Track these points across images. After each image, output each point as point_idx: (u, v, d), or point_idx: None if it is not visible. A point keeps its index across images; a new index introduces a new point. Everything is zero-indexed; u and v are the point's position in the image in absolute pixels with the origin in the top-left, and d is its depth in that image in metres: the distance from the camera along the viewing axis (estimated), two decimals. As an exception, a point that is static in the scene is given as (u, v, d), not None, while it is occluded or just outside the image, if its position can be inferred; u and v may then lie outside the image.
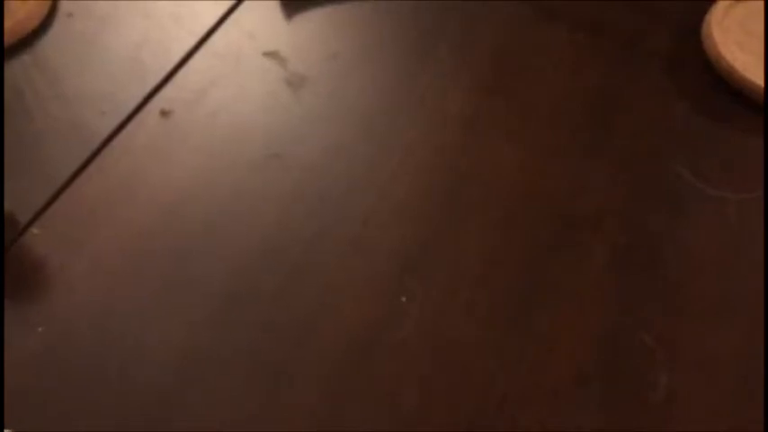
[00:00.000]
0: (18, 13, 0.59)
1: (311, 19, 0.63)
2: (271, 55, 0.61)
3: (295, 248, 0.50)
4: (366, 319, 0.48)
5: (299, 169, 0.54)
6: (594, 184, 0.54)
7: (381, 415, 0.44)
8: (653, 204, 0.54)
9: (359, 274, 0.50)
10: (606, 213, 0.53)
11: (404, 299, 0.49)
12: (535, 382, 0.46)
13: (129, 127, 0.56)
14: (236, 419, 0.44)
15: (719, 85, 0.60)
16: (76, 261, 0.49)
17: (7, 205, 0.51)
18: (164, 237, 0.51)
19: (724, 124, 0.59)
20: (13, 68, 0.59)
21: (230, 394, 0.45)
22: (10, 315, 0.47)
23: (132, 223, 0.51)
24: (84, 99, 0.57)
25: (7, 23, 0.59)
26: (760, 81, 0.58)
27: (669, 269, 0.51)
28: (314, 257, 0.50)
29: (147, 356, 0.46)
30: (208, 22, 0.62)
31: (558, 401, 0.45)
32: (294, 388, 0.45)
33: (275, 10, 0.64)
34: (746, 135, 0.58)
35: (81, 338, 0.46)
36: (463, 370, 0.46)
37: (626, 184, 0.55)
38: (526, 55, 0.62)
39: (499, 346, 0.47)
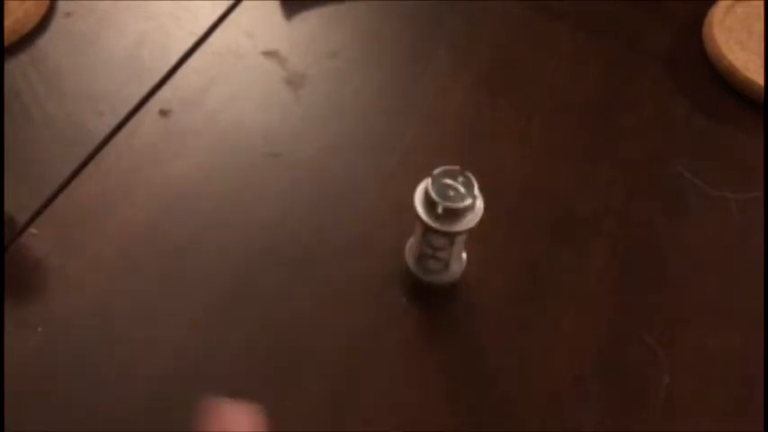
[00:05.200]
0: (16, 12, 0.59)
1: (310, 18, 0.63)
2: (270, 54, 0.61)
3: (294, 247, 0.50)
4: (366, 319, 0.48)
5: (299, 168, 0.54)
6: (595, 184, 0.54)
7: (382, 415, 0.44)
8: (653, 204, 0.54)
9: (359, 274, 0.50)
10: (606, 213, 0.53)
11: (404, 299, 0.49)
12: (535, 382, 0.46)
13: (128, 126, 0.56)
14: (235, 420, 0.44)
15: (720, 84, 0.60)
16: (75, 261, 0.49)
17: (5, 205, 0.50)
18: (163, 236, 0.51)
19: (724, 124, 0.59)
20: (12, 68, 0.59)
21: (230, 394, 0.45)
22: (9, 315, 0.47)
23: (131, 223, 0.51)
24: (82, 99, 0.57)
25: (5, 22, 0.58)
26: (761, 80, 0.58)
27: (669, 269, 0.51)
28: (313, 256, 0.50)
29: (147, 356, 0.46)
30: (207, 22, 0.62)
31: (558, 401, 0.45)
32: (294, 387, 0.45)
33: (274, 9, 0.64)
34: (747, 135, 0.58)
35: (80, 338, 0.46)
36: (463, 370, 0.46)
37: (626, 184, 0.54)
38: (526, 55, 0.62)
39: (499, 346, 0.47)
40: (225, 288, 0.48)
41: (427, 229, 0.43)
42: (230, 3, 0.64)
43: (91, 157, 0.54)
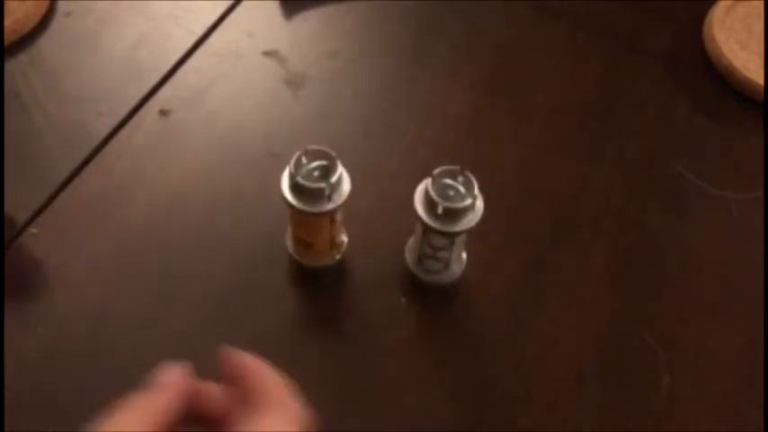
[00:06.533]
0: (16, 12, 0.59)
1: (310, 18, 0.63)
2: (270, 54, 0.60)
3: (294, 248, 0.50)
4: (366, 319, 0.48)
5: (299, 169, 0.54)
6: (594, 184, 0.54)
7: (382, 415, 0.44)
8: (653, 204, 0.54)
9: (359, 274, 0.50)
10: (606, 213, 0.53)
11: (404, 299, 0.49)
12: (535, 382, 0.46)
13: (128, 127, 0.56)
14: (235, 420, 0.44)
15: (720, 84, 0.60)
16: (75, 260, 0.49)
17: (5, 205, 0.50)
18: (162, 236, 0.51)
19: (725, 124, 0.59)
20: (12, 68, 0.58)
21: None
22: (9, 315, 0.47)
23: (131, 223, 0.51)
24: (82, 99, 0.57)
25: (5, 22, 0.58)
26: (760, 80, 0.58)
27: (669, 269, 0.51)
28: (313, 257, 0.50)
29: (147, 356, 0.46)
30: (207, 22, 0.62)
31: (558, 401, 0.45)
32: (294, 387, 0.45)
33: (274, 9, 0.63)
34: (747, 134, 0.58)
35: (80, 338, 0.46)
36: (463, 370, 0.46)
37: (626, 184, 0.54)
38: (526, 55, 0.62)
39: (499, 346, 0.47)
40: (225, 287, 0.48)
41: (427, 229, 0.43)
42: (230, 3, 0.64)
43: (91, 156, 0.54)
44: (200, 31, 0.62)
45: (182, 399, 0.32)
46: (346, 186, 0.43)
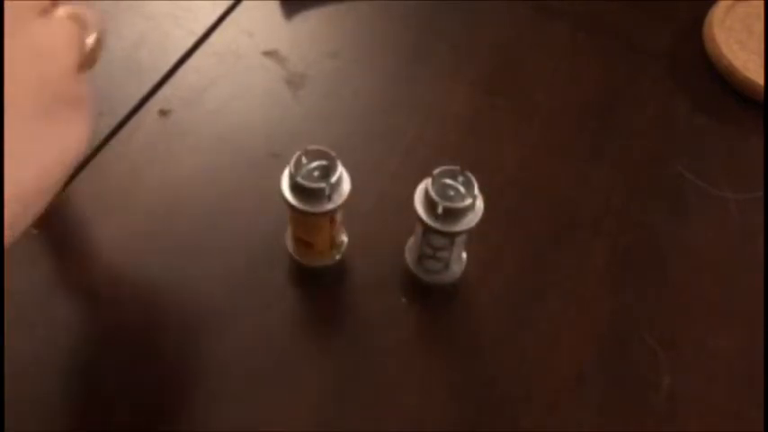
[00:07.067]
0: (16, 12, 0.59)
1: (311, 18, 0.63)
2: (270, 54, 0.60)
3: (294, 248, 0.50)
4: (366, 319, 0.48)
5: (299, 169, 0.54)
6: (594, 184, 0.54)
7: (382, 415, 0.44)
8: (653, 204, 0.54)
9: (359, 274, 0.50)
10: (606, 213, 0.53)
11: (404, 299, 0.49)
12: (535, 382, 0.46)
13: (128, 127, 0.56)
14: (235, 420, 0.44)
15: (720, 84, 0.60)
16: (75, 261, 0.49)
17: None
18: (163, 237, 0.51)
19: (725, 124, 0.59)
20: (12, 68, 0.58)
21: (230, 394, 0.45)
22: (9, 315, 0.47)
23: (131, 223, 0.51)
24: (82, 98, 0.57)
25: (5, 23, 0.58)
26: (761, 80, 0.58)
27: (669, 269, 0.51)
28: (313, 257, 0.50)
29: (147, 357, 0.46)
30: (207, 22, 0.62)
31: (558, 401, 0.45)
32: (294, 387, 0.45)
33: (274, 9, 0.63)
34: (747, 134, 0.58)
35: (80, 339, 0.46)
36: (463, 370, 0.46)
37: (626, 184, 0.54)
38: (526, 55, 0.62)
39: (499, 346, 0.47)
40: (225, 288, 0.48)
41: (427, 229, 0.43)
42: (230, 3, 0.64)
43: (91, 157, 0.54)
44: (200, 31, 0.62)
45: None
46: (346, 186, 0.43)
